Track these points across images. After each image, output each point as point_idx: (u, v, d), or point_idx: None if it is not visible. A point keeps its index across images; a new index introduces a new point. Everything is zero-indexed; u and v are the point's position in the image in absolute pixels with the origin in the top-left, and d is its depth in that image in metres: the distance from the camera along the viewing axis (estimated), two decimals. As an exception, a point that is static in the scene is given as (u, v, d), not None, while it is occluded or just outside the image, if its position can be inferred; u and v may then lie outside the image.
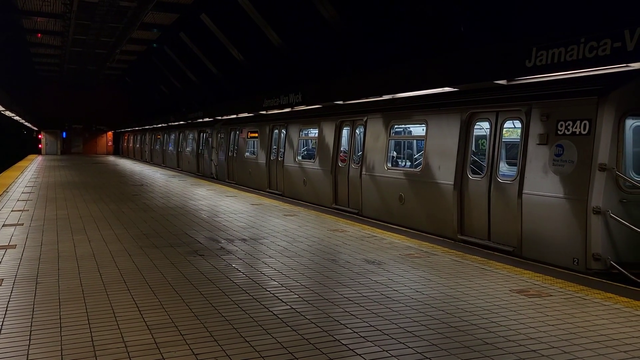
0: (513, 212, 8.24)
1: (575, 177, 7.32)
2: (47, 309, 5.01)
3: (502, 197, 8.52)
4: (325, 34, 15.76)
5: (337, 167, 13.50)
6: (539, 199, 7.79)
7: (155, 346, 4.14)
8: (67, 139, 54.45)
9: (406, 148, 12.66)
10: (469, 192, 9.19)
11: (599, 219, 7.03)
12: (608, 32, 6.49)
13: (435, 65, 9.88)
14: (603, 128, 7.08)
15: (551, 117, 7.75)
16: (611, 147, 7.09)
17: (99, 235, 8.77)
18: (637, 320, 4.91)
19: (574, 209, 7.31)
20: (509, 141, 9.53)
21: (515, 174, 8.36)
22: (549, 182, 7.68)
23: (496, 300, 5.44)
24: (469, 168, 9.30)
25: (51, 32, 30.53)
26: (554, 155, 7.66)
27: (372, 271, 6.56)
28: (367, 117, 12.36)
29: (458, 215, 9.33)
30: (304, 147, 16.10)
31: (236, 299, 5.40)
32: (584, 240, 7.15)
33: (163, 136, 35.26)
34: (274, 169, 17.24)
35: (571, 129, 7.46)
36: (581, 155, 7.29)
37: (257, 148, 19.01)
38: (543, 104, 7.91)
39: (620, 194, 7.11)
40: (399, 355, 4.05)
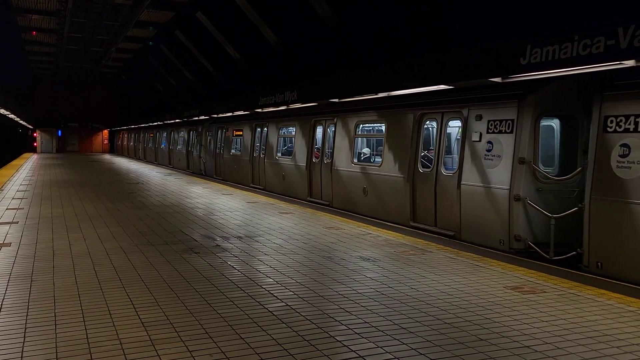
0: (454, 201, 9.28)
1: (501, 169, 8.41)
2: (42, 306, 5.01)
3: (446, 188, 9.58)
4: (321, 32, 15.77)
5: (312, 163, 14.53)
6: (474, 189, 8.88)
7: (150, 343, 4.15)
8: (63, 137, 54.32)
9: (369, 145, 13.79)
10: (420, 184, 10.27)
11: (519, 205, 8.11)
12: (602, 30, 6.52)
13: (430, 63, 9.90)
14: (522, 127, 8.18)
15: (484, 117, 8.86)
16: (529, 143, 8.13)
17: (95, 233, 8.76)
18: (630, 316, 4.94)
19: (500, 197, 8.38)
20: (451, 138, 10.70)
21: (456, 167, 9.41)
22: (481, 174, 8.76)
23: (490, 297, 5.47)
24: (420, 162, 10.37)
25: (46, 30, 30.44)
26: (485, 151, 8.76)
27: (367, 268, 6.58)
28: (336, 118, 13.43)
29: (411, 205, 10.42)
30: (283, 145, 17.16)
31: (231, 296, 5.41)
32: (508, 224, 8.23)
33: (155, 134, 36.22)
34: (257, 165, 18.31)
35: (499, 127, 8.60)
36: (506, 150, 8.38)
37: (241, 145, 20.10)
38: (478, 106, 9.02)
39: (536, 183, 8.14)
40: (394, 351, 4.07)
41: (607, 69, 6.74)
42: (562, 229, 7.80)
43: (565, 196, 8.02)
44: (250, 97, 18.38)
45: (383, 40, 13.25)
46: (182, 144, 28.65)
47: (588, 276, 6.58)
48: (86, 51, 35.62)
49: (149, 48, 33.68)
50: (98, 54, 36.67)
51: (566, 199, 7.95)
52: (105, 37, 31.22)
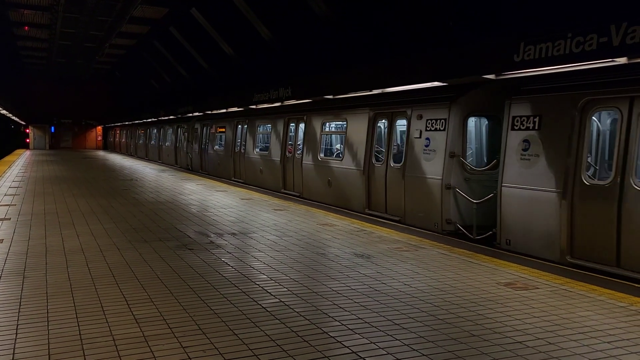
0: (400, 190, 10.53)
1: (436, 162, 9.65)
2: (35, 303, 5.00)
3: (394, 179, 10.83)
4: (316, 29, 15.75)
5: (285, 157, 15.81)
6: (415, 179, 10.15)
7: (143, 339, 4.15)
8: (56, 134, 54.04)
9: (333, 141, 15.02)
10: (374, 176, 11.50)
11: (449, 193, 9.41)
12: (594, 27, 6.54)
13: (424, 60, 9.92)
14: (453, 125, 9.47)
15: (423, 117, 10.10)
16: (458, 139, 9.46)
17: (88, 230, 8.74)
18: (620, 311, 4.98)
19: (434, 186, 9.65)
20: (399, 135, 11.77)
21: (402, 160, 10.58)
22: (421, 167, 10.00)
23: (483, 293, 5.50)
24: (374, 157, 11.62)
25: (38, 25, 30.23)
26: (424, 146, 9.99)
27: (361, 264, 6.59)
28: (306, 116, 14.70)
29: (366, 195, 11.65)
30: (261, 140, 18.23)
31: (225, 292, 5.41)
32: (441, 209, 9.49)
33: (146, 131, 37.22)
34: (238, 160, 19.50)
35: (434, 125, 9.83)
36: (439, 145, 9.61)
37: (224, 141, 21.27)
38: (419, 107, 10.27)
39: (464, 174, 9.46)
40: (387, 347, 4.09)
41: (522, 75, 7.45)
42: (483, 212, 8.99)
43: (489, 185, 9.05)
44: (245, 93, 18.40)
45: (378, 37, 13.26)
46: (171, 141, 29.84)
47: (501, 252, 7.73)
48: (79, 47, 35.43)
49: (143, 44, 33.53)
50: (91, 50, 36.48)
51: (490, 187, 8.95)
52: (99, 33, 31.06)
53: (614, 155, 6.97)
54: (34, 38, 33.92)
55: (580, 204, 7.23)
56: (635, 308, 5.09)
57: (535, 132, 7.84)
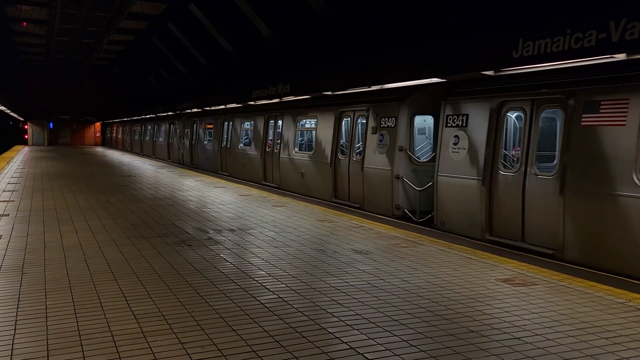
0: (360, 180, 11.83)
1: (388, 155, 10.94)
2: (33, 298, 4.99)
3: (355, 171, 12.14)
4: (314, 25, 15.72)
5: (266, 152, 17.15)
6: (372, 171, 11.46)
7: (142, 335, 4.15)
8: (54, 130, 53.95)
9: (306, 137, 16.14)
10: (339, 168, 12.86)
11: (398, 182, 10.74)
12: (593, 23, 6.53)
13: (421, 56, 9.91)
14: (402, 123, 10.73)
15: (379, 115, 11.34)
16: (406, 135, 10.73)
17: (86, 226, 8.74)
18: (618, 307, 4.99)
19: (387, 177, 10.94)
20: (360, 132, 12.71)
21: (363, 155, 11.78)
22: (378, 159, 11.21)
23: (481, 289, 5.50)
24: (340, 151, 12.91)
25: (37, 21, 30.14)
26: (378, 141, 11.22)
27: (360, 261, 6.60)
28: (283, 114, 16.09)
29: (333, 185, 13.02)
30: (244, 137, 19.59)
31: (224, 288, 5.41)
32: (391, 196, 10.82)
33: (141, 127, 38.63)
34: (225, 155, 20.89)
35: (387, 123, 11.07)
36: (391, 140, 10.87)
37: (212, 137, 22.65)
38: (375, 106, 11.53)
39: (411, 165, 10.79)
40: (385, 343, 4.09)
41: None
42: (425, 199, 10.33)
43: (431, 174, 10.12)
44: (243, 90, 18.40)
45: (377, 33, 13.24)
46: (164, 137, 31.29)
47: (437, 231, 9.01)
48: (77, 43, 35.35)
49: (141, 40, 33.45)
50: (90, 46, 36.38)
51: (432, 177, 10.03)
52: (97, 29, 30.97)
53: (521, 148, 8.23)
54: (32, 34, 33.83)
55: (496, 190, 8.54)
56: (633, 304, 5.10)
57: (463, 128, 9.15)
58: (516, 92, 8.27)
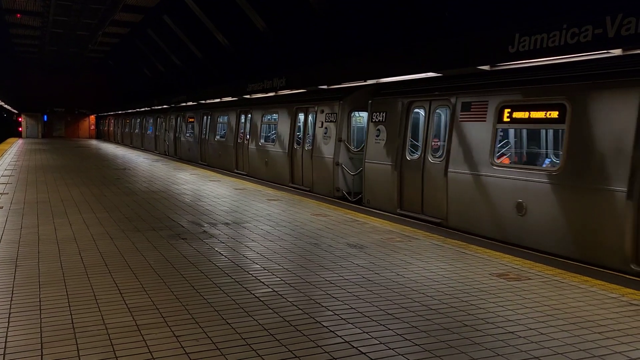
0: (310, 167, 13.77)
1: (331, 145, 12.92)
2: (27, 291, 4.98)
3: (307, 159, 14.07)
4: (310, 19, 15.66)
5: (238, 143, 19.16)
6: (319, 159, 13.41)
7: (136, 328, 4.15)
8: (49, 122, 53.72)
9: (270, 130, 17.76)
10: (295, 157, 14.78)
11: (338, 168, 12.70)
12: (590, 18, 6.53)
13: (419, 51, 9.89)
14: (341, 118, 12.71)
15: (325, 111, 13.29)
16: (345, 128, 12.73)
17: (81, 219, 8.71)
18: (611, 302, 5.01)
19: (329, 163, 12.95)
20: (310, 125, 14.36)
21: (312, 146, 13.79)
22: (324, 149, 13.16)
23: (475, 284, 5.52)
24: (296, 142, 14.84)
25: (31, 13, 29.94)
26: (323, 134, 13.24)
27: (354, 255, 6.60)
28: (251, 109, 18.05)
29: (290, 172, 14.96)
30: (221, 130, 21.36)
31: (218, 281, 5.41)
32: (332, 180, 12.81)
33: (131, 121, 40.82)
34: (204, 146, 22.88)
35: (330, 118, 13.02)
36: (332, 133, 12.87)
37: (194, 130, 24.53)
38: (321, 104, 13.60)
39: (349, 154, 12.73)
40: (379, 337, 4.10)
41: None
42: (358, 182, 12.35)
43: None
44: (239, 84, 18.37)
45: (373, 27, 13.20)
46: (152, 130, 33.46)
47: (365, 208, 10.74)
48: (72, 35, 35.14)
49: (136, 33, 33.27)
50: (84, 38, 36.20)
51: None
52: (92, 21, 30.81)
53: (420, 139, 10.30)
54: (26, 26, 33.61)
55: (404, 173, 10.56)
56: (626, 299, 5.12)
57: (383, 123, 11.16)
58: (420, 94, 10.28)
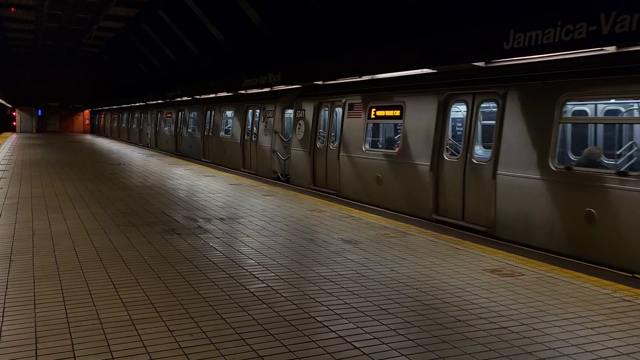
0: (255, 154, 17.06)
1: (269, 137, 16.04)
2: (21, 286, 4.97)
3: (253, 148, 17.25)
4: (305, 14, 15.64)
5: (204, 136, 22.20)
6: (262, 148, 16.58)
7: (130, 323, 4.15)
8: (43, 117, 53.48)
9: (228, 124, 20.50)
10: (246, 147, 17.97)
11: (274, 155, 15.78)
12: (584, 15, 6.55)
13: (414, 47, 9.90)
14: (277, 114, 15.79)
15: (266, 109, 16.45)
16: (279, 123, 15.77)
17: (75, 214, 8.69)
18: (604, 298, 5.05)
19: (268, 151, 16.05)
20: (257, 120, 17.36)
21: (257, 137, 17.02)
22: (265, 140, 16.37)
23: (469, 279, 5.55)
24: (247, 134, 17.95)
25: (25, 6, 29.78)
26: (264, 127, 16.37)
27: (349, 250, 6.62)
28: (215, 106, 21.12)
29: (242, 158, 18.19)
30: (192, 124, 24.43)
31: (213, 276, 5.42)
32: (270, 164, 15.91)
33: (119, 115, 43.53)
34: (178, 139, 26.09)
35: (269, 115, 16.15)
36: (271, 127, 15.87)
37: (171, 124, 27.54)
38: (263, 102, 16.72)
39: (283, 143, 15.61)
40: (373, 332, 4.12)
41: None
42: (288, 165, 15.06)
43: None
44: (234, 78, 18.34)
45: (369, 23, 13.20)
46: (137, 124, 36.68)
47: (290, 185, 13.44)
48: (67, 29, 34.97)
49: (131, 27, 33.13)
50: (79, 33, 36.02)
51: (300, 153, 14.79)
52: (87, 15, 30.66)
53: (325, 132, 13.40)
54: (20, 20, 33.41)
55: (315, 157, 13.58)
56: (618, 295, 5.16)
57: (303, 118, 14.07)
58: (327, 97, 13.36)
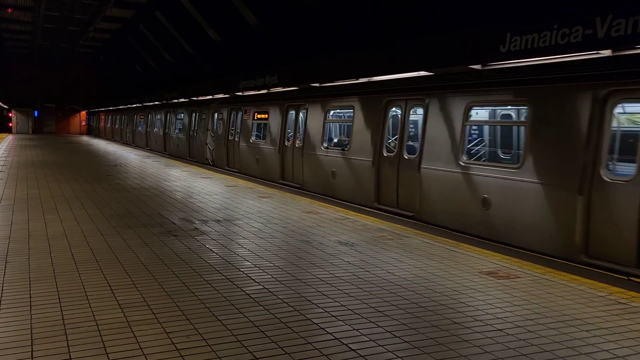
0: (199, 147, 21.92)
1: (204, 133, 21.35)
2: (17, 287, 4.97)
3: (193, 142, 22.95)
4: (302, 15, 15.66)
5: (190, 136, 24.47)
6: (198, 142, 21.84)
7: (127, 325, 4.15)
8: (39, 118, 53.36)
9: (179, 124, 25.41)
10: (190, 141, 23.05)
11: (207, 146, 20.85)
12: (580, 19, 6.58)
13: (411, 49, 9.92)
14: (208, 117, 20.76)
15: (202, 112, 21.62)
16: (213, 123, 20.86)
17: (71, 215, 8.68)
18: (600, 301, 5.07)
19: (203, 144, 21.06)
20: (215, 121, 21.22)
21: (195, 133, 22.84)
22: (201, 136, 21.30)
23: (465, 282, 5.56)
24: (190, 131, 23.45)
25: (22, 7, 29.73)
26: (201, 126, 21.69)
27: (345, 252, 6.63)
28: (169, 110, 26.65)
29: (188, 150, 23.50)
30: (179, 125, 26.48)
31: (209, 278, 5.42)
32: (205, 154, 21.22)
33: (111, 116, 45.61)
34: (167, 138, 28.26)
35: (204, 117, 21.41)
36: (211, 125, 20.81)
37: (159, 126, 30.02)
38: (201, 107, 21.41)
39: (212, 138, 20.59)
40: (369, 334, 4.13)
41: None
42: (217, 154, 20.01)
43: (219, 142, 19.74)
44: (231, 80, 18.37)
45: (365, 24, 13.22)
46: (125, 124, 39.38)
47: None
48: (64, 30, 34.91)
49: (128, 28, 33.10)
50: (76, 34, 35.96)
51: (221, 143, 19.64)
52: (84, 16, 30.62)
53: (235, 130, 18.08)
54: (17, 21, 33.35)
55: (229, 147, 17.98)
56: (613, 297, 5.18)
57: (222, 119, 19.20)
58: (237, 104, 17.38)
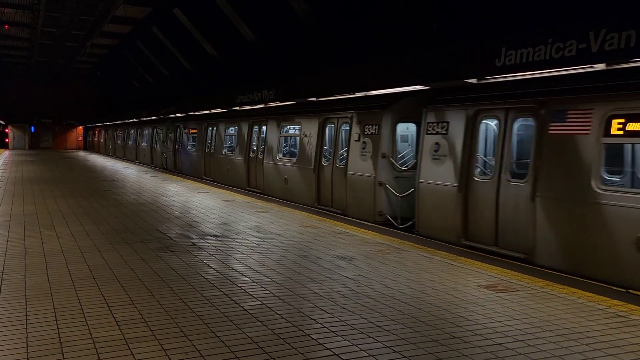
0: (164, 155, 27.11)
1: (170, 145, 26.22)
2: (13, 305, 4.93)
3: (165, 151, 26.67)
4: (298, 30, 15.76)
5: (175, 149, 25.56)
6: (168, 150, 26.59)
7: (124, 342, 4.12)
8: (36, 134, 53.33)
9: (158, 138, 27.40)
10: (165, 152, 25.92)
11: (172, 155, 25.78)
12: (574, 33, 6.63)
13: (407, 63, 9.98)
14: (168, 130, 26.74)
15: (194, 127, 23.23)
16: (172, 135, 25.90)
17: (68, 231, 8.65)
18: (599, 314, 5.06)
19: (172, 152, 25.77)
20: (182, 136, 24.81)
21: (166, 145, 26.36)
22: (159, 146, 28.24)
23: (464, 295, 5.54)
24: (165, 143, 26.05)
25: (19, 24, 29.84)
26: (167, 139, 26.48)
27: (343, 267, 6.61)
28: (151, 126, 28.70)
29: (150, 158, 28.47)
30: (161, 140, 27.97)
31: (207, 294, 5.39)
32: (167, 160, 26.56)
33: (105, 132, 46.88)
34: (153, 152, 29.78)
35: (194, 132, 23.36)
36: (199, 140, 23.00)
37: (146, 140, 31.93)
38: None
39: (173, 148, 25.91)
40: (368, 349, 4.11)
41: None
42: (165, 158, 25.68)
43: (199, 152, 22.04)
44: (227, 95, 18.42)
45: (361, 38, 13.31)
46: (120, 140, 40.73)
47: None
48: (60, 46, 35.02)
49: (125, 44, 33.25)
50: (73, 49, 36.09)
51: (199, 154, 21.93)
52: (80, 32, 30.75)
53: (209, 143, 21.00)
54: (14, 37, 33.46)
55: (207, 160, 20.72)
56: (613, 311, 5.17)
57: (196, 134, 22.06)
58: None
